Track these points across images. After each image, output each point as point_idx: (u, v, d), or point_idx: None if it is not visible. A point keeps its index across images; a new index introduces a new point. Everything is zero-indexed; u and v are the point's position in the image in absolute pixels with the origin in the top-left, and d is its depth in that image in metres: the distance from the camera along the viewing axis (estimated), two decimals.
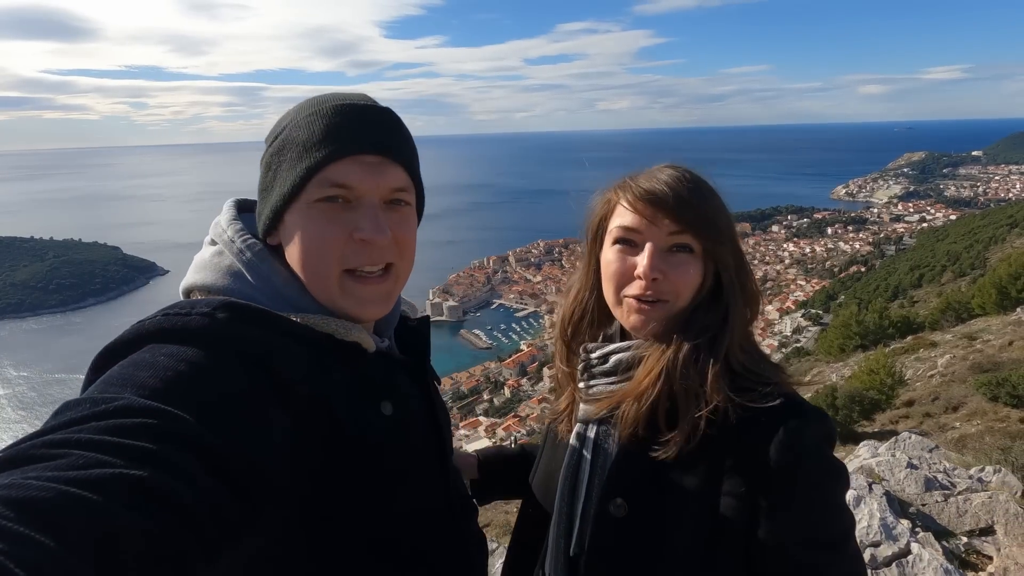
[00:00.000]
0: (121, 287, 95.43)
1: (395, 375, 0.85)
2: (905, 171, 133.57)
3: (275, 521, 0.65)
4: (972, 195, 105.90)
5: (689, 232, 0.88)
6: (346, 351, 0.78)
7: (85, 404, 0.54)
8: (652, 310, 0.89)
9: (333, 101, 0.79)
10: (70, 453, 0.47)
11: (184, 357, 0.63)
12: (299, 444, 0.68)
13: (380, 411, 0.78)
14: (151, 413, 0.54)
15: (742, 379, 0.84)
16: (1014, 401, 7.49)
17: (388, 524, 0.78)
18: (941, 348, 12.75)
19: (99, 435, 0.50)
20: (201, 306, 0.70)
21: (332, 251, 0.77)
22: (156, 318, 0.69)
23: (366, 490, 0.75)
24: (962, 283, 29.65)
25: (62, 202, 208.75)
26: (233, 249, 0.79)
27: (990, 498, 2.70)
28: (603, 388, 0.92)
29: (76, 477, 0.45)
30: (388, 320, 0.92)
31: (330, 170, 0.76)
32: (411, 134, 0.85)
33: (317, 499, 0.71)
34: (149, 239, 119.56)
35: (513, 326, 72.49)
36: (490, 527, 8.75)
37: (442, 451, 0.91)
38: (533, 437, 33.02)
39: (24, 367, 65.44)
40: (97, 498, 0.44)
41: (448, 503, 0.90)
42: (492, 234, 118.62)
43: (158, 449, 0.51)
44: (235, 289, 0.76)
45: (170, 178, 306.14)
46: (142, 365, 0.62)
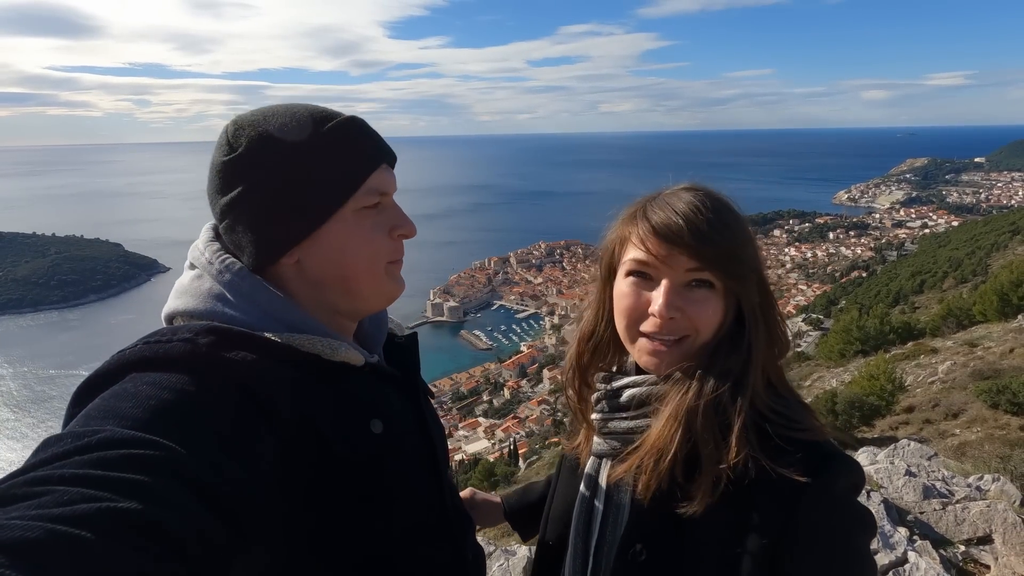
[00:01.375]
0: (122, 284, 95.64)
1: (385, 392, 0.84)
2: (907, 177, 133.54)
3: (267, 545, 0.64)
4: (974, 201, 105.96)
5: (708, 270, 0.81)
6: (333, 370, 0.77)
7: (67, 439, 0.53)
8: (669, 351, 0.83)
9: (335, 115, 0.81)
10: (54, 490, 0.46)
11: (167, 385, 0.62)
12: (288, 468, 0.67)
13: (370, 429, 0.78)
14: (135, 443, 0.53)
15: (770, 423, 0.79)
16: (1014, 408, 7.49)
17: (382, 543, 0.77)
18: (942, 354, 12.74)
19: (83, 469, 0.49)
20: (183, 332, 0.69)
21: (382, 249, 0.83)
22: (137, 347, 0.68)
23: (359, 510, 0.75)
24: (963, 289, 29.60)
25: (64, 198, 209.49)
26: (212, 271, 0.78)
27: (988, 507, 2.69)
28: (617, 424, 0.89)
29: (62, 514, 0.43)
30: (376, 337, 0.93)
31: (371, 180, 0.81)
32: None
33: (309, 521, 0.70)
34: (150, 236, 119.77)
35: (514, 327, 72.55)
36: (487, 529, 8.75)
37: (436, 467, 0.90)
38: (532, 439, 33.02)
39: (15, 364, 65.35)
40: (86, 534, 0.43)
41: (445, 519, 0.89)
42: (494, 235, 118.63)
43: (145, 480, 0.50)
44: (218, 312, 0.75)
45: (172, 175, 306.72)
46: (124, 396, 0.61)
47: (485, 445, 37.63)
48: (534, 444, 29.04)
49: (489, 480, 16.77)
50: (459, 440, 40.73)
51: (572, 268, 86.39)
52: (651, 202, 0.85)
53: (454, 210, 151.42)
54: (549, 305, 73.46)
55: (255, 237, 0.78)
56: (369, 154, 0.82)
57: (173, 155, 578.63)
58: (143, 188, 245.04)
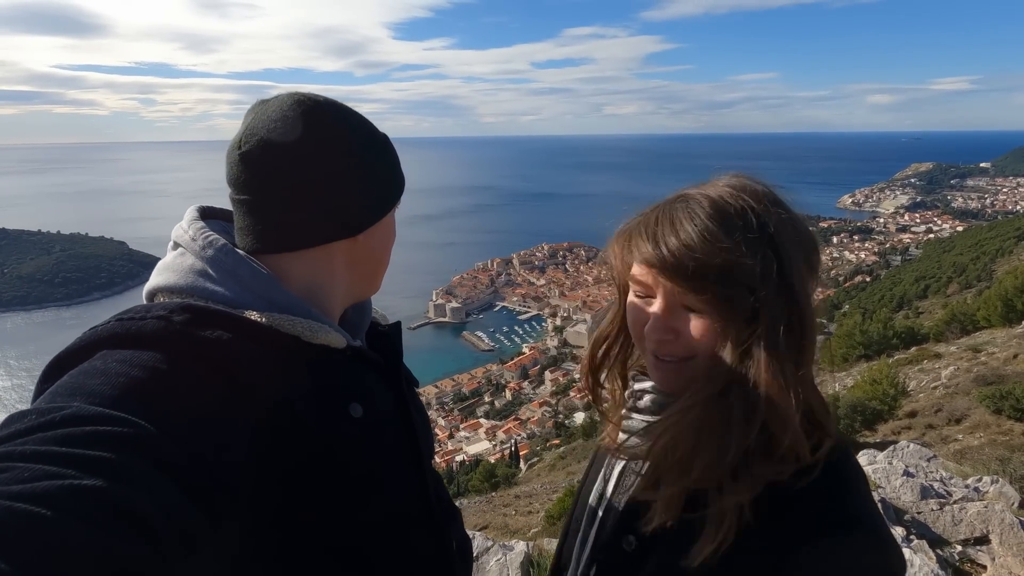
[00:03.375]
0: (126, 282, 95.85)
1: (366, 377, 0.83)
2: (912, 181, 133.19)
3: (238, 529, 0.63)
4: (979, 207, 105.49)
5: (696, 295, 0.75)
6: (313, 352, 0.76)
7: (31, 415, 0.52)
8: (674, 369, 0.80)
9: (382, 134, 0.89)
10: (14, 466, 0.45)
11: (139, 362, 0.61)
12: (263, 449, 0.66)
13: (349, 413, 0.76)
14: (103, 420, 0.52)
15: (791, 449, 0.70)
16: (1017, 414, 7.46)
17: (359, 529, 0.76)
18: (945, 360, 12.70)
19: (46, 446, 0.48)
20: (157, 309, 0.68)
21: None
22: (110, 323, 0.66)
23: (336, 495, 0.73)
24: (968, 295, 29.52)
25: (70, 196, 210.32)
26: (195, 247, 0.77)
27: (986, 507, 2.69)
28: (636, 424, 0.88)
29: (21, 492, 0.42)
30: (358, 324, 0.93)
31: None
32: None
33: (284, 505, 0.69)
34: (154, 234, 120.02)
35: (516, 329, 72.49)
36: (488, 528, 8.78)
37: (418, 455, 0.88)
38: (533, 441, 33.00)
39: (9, 364, 65.46)
40: (46, 512, 0.42)
41: (427, 508, 0.88)
42: (496, 236, 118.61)
43: (111, 457, 0.49)
44: (199, 287, 0.75)
45: (176, 174, 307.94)
46: (93, 373, 0.60)
47: (486, 446, 37.61)
48: (535, 446, 29.01)
49: (490, 481, 16.80)
50: (460, 441, 40.69)
51: (575, 270, 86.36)
52: (659, 213, 0.80)
53: (457, 211, 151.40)
54: (551, 307, 73.43)
55: (360, 201, 0.83)
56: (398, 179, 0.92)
57: (178, 154, 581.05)
58: (148, 187, 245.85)
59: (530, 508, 9.96)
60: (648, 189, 0.86)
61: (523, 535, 6.98)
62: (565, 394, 45.92)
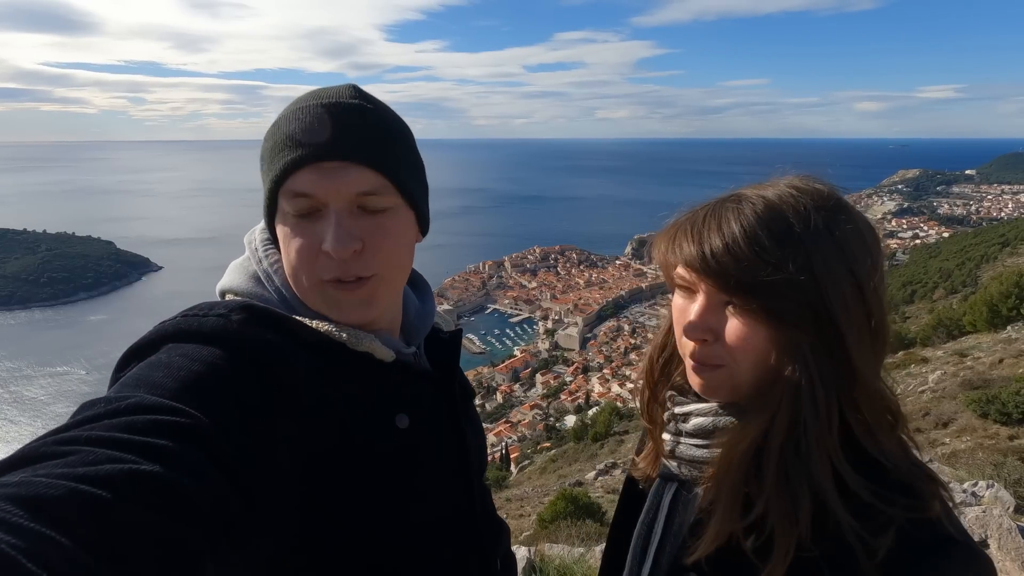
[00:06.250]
0: (113, 282, 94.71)
1: (416, 387, 0.82)
2: (899, 188, 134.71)
3: (280, 529, 0.65)
4: (965, 213, 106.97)
5: (751, 299, 0.68)
6: (361, 361, 0.76)
7: (100, 403, 0.56)
8: (710, 377, 0.74)
9: (297, 104, 0.76)
10: (81, 450, 0.48)
11: (198, 357, 0.64)
12: (306, 451, 0.68)
13: (394, 423, 0.77)
14: (163, 410, 0.55)
15: (854, 483, 0.64)
16: (1003, 418, 7.55)
17: (399, 538, 0.75)
18: (932, 364, 12.82)
19: (111, 432, 0.51)
20: (219, 307, 0.71)
21: (306, 265, 0.75)
22: (175, 319, 0.70)
23: (376, 503, 0.73)
24: (954, 300, 29.86)
25: (57, 195, 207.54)
26: (256, 256, 0.81)
27: (984, 512, 2.70)
28: (686, 450, 0.80)
29: (86, 474, 0.45)
30: (418, 328, 0.91)
31: (293, 180, 0.73)
32: (395, 130, 0.79)
33: (324, 509, 0.69)
34: (143, 234, 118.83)
35: (507, 331, 72.41)
36: None
37: (467, 468, 0.87)
38: (524, 444, 32.91)
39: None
40: (107, 495, 0.44)
41: (472, 523, 0.87)
42: (488, 239, 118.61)
43: (169, 445, 0.52)
44: (257, 293, 0.79)
45: (165, 173, 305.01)
46: (157, 365, 0.63)
47: None
48: (526, 449, 28.95)
49: None
50: None
51: (566, 273, 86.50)
52: (698, 218, 0.74)
53: (449, 213, 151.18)
54: (543, 310, 73.44)
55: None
56: (295, 152, 0.73)
57: (168, 153, 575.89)
58: (136, 186, 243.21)
59: (521, 511, 9.93)
60: (639, 193, 0.81)
61: (516, 539, 6.93)
62: (556, 397, 45.93)
